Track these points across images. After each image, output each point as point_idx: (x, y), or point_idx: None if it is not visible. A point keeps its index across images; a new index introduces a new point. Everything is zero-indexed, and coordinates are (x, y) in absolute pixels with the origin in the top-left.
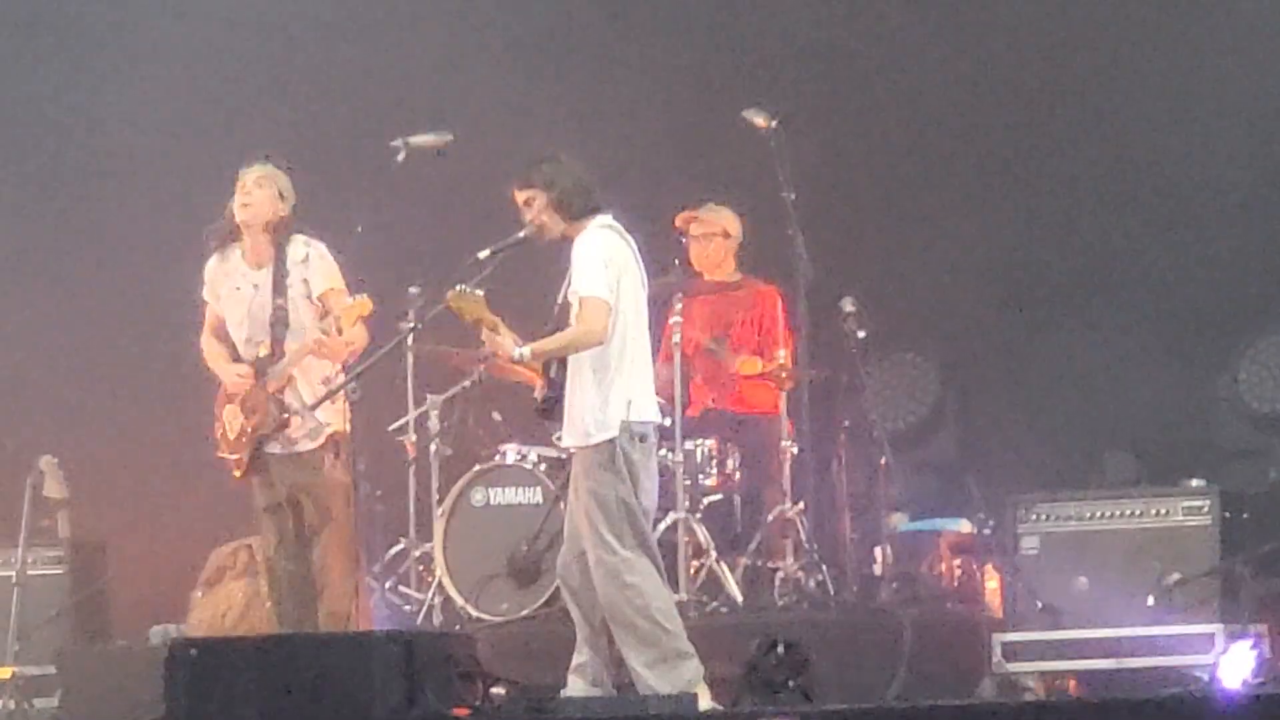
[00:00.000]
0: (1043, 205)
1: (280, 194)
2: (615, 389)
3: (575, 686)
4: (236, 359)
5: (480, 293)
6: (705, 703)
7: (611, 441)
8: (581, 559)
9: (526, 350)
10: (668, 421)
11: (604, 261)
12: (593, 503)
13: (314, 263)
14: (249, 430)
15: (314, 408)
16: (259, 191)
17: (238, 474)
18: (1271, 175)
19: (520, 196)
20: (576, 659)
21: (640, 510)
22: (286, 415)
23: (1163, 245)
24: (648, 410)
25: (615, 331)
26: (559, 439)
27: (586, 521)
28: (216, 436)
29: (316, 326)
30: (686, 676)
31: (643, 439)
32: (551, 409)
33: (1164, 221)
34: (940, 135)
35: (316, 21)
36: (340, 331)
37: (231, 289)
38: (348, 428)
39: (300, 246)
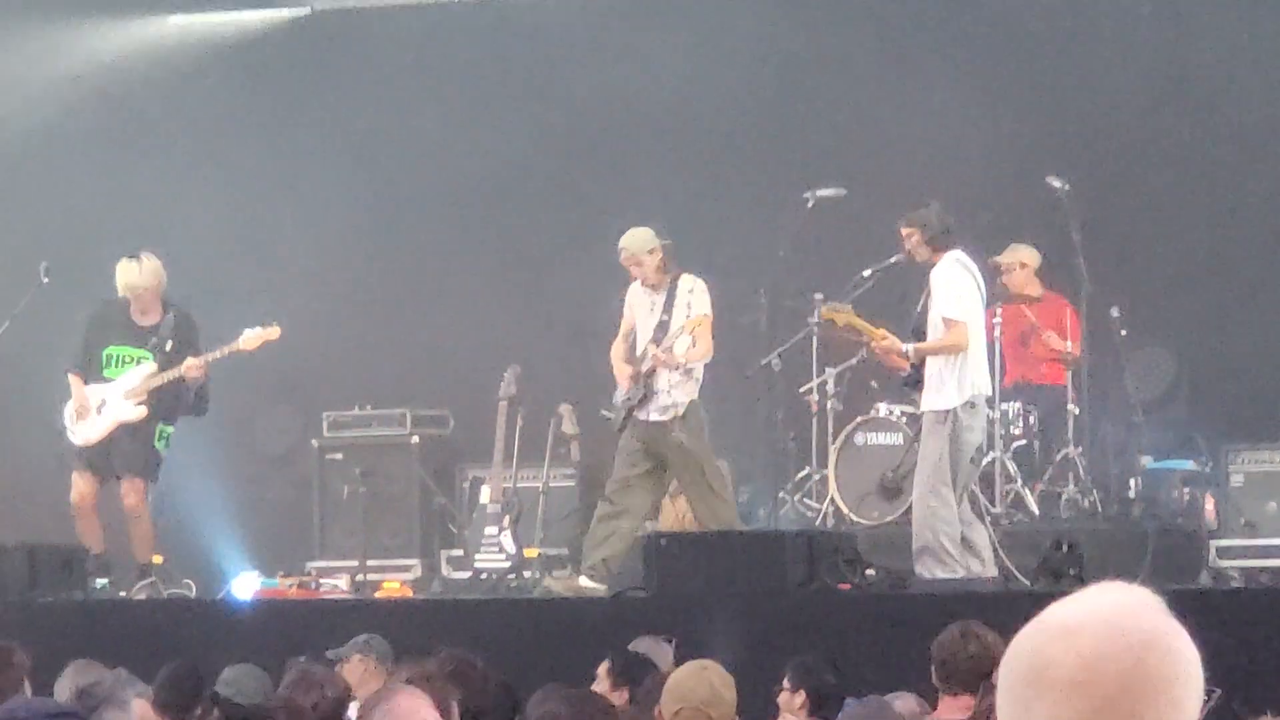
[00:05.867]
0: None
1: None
2: (962, 372)
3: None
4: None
5: (848, 305)
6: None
7: (953, 409)
8: None
9: (911, 349)
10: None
11: (960, 289)
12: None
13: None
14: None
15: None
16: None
17: None
18: None
19: (903, 231)
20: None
21: (955, 459)
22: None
23: None
24: (981, 386)
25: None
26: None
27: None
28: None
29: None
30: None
31: (973, 405)
32: (914, 384)
33: None
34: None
35: (759, 98)
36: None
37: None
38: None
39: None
